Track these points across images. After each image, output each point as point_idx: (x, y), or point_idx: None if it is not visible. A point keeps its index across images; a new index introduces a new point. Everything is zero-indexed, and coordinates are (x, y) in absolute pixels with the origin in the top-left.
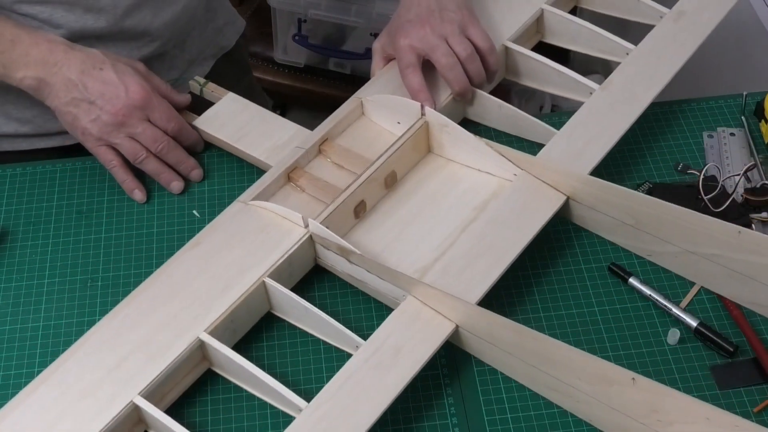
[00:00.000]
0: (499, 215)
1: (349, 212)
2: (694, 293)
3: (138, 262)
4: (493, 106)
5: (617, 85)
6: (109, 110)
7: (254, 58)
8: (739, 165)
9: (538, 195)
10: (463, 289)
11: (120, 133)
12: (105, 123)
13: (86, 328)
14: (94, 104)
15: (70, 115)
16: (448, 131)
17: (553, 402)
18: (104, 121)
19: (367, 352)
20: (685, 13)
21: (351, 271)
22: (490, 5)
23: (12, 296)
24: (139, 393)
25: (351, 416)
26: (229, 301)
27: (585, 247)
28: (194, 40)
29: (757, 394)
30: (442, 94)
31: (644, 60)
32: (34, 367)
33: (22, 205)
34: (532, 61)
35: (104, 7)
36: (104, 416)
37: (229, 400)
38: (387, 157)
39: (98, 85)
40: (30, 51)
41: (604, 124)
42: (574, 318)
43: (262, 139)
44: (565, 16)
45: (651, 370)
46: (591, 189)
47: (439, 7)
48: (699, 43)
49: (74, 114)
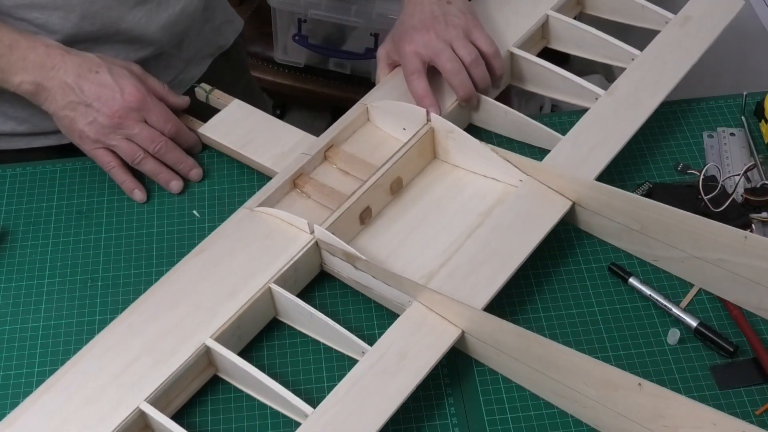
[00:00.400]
0: (505, 221)
1: (354, 218)
2: (694, 293)
3: (138, 262)
4: (498, 112)
5: (622, 90)
6: (106, 112)
7: (254, 58)
8: (739, 165)
9: (543, 201)
10: (469, 294)
11: (117, 135)
12: (102, 125)
13: (86, 328)
14: (90, 107)
15: (68, 119)
16: (453, 137)
17: (560, 408)
18: (101, 123)
19: (373, 357)
20: (691, 19)
21: (357, 277)
22: (496, 12)
23: (12, 296)
24: (145, 399)
25: (357, 422)
26: (235, 307)
27: (585, 247)
28: (191, 40)
29: (757, 395)
30: (448, 100)
31: (649, 65)
32: (34, 367)
33: (22, 205)
34: (537, 66)
35: (99, 10)
36: (110, 422)
37: (236, 407)
38: (392, 163)
39: (94, 88)
40: (27, 55)
41: (610, 129)
42: (575, 318)
43: (268, 145)
44: (570, 21)
45: (651, 370)
46: (596, 194)
47: (443, 13)
48: (705, 49)
49: (71, 117)
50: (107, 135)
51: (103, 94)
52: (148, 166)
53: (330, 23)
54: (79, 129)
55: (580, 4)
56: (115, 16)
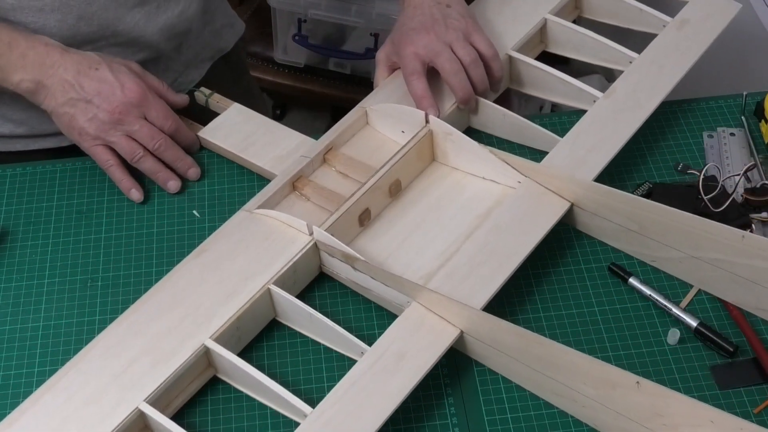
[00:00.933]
0: (503, 222)
1: (353, 220)
2: (694, 293)
3: (138, 262)
4: (497, 115)
5: (620, 93)
6: (106, 108)
7: (254, 58)
8: (739, 165)
9: (542, 202)
10: (467, 295)
11: (117, 131)
12: (102, 121)
13: (86, 328)
14: (90, 103)
15: (67, 116)
16: (452, 139)
17: (559, 408)
18: (101, 119)
19: (372, 358)
20: (688, 22)
21: (355, 278)
22: (495, 16)
23: (12, 296)
24: (144, 399)
25: (355, 422)
26: (235, 308)
27: (585, 247)
28: (190, 44)
29: (757, 394)
30: (447, 102)
31: (647, 68)
32: (33, 367)
33: (22, 205)
34: (535, 70)
35: (96, 11)
36: (110, 422)
37: (236, 407)
38: (391, 166)
39: (94, 84)
40: (27, 54)
41: (608, 131)
42: (575, 318)
43: (268, 148)
44: (568, 25)
45: (651, 370)
46: (595, 195)
47: (443, 16)
48: (702, 51)
49: (71, 114)
50: (107, 131)
51: (103, 90)
52: (147, 164)
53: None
54: (79, 125)
55: (579, 8)
56: (112, 17)
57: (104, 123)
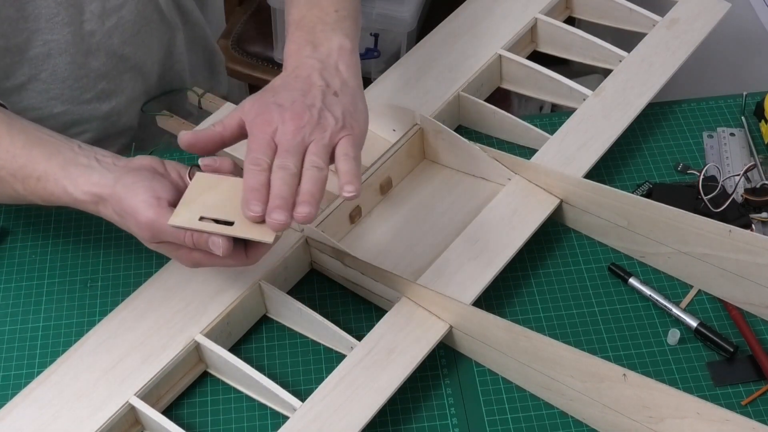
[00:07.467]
0: (493, 219)
1: (344, 217)
2: (694, 293)
3: (138, 262)
4: (487, 113)
5: (609, 91)
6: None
7: (254, 58)
8: (739, 165)
9: (531, 199)
10: (456, 290)
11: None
12: (144, 239)
13: (86, 328)
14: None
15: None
16: (442, 137)
17: (548, 402)
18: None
19: (362, 352)
20: (678, 21)
21: (346, 274)
22: (485, 15)
23: (12, 296)
24: (134, 394)
25: (345, 416)
26: (225, 304)
27: (585, 247)
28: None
29: (754, 390)
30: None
31: (636, 67)
32: (34, 367)
33: (21, 205)
34: (525, 69)
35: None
36: (100, 416)
37: (225, 400)
38: (382, 163)
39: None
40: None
41: (597, 129)
42: (575, 318)
43: None
44: (558, 25)
45: (651, 370)
46: (584, 191)
47: (322, 104)
48: (691, 51)
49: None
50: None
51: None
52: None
53: None
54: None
55: (569, 8)
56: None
57: (146, 241)
